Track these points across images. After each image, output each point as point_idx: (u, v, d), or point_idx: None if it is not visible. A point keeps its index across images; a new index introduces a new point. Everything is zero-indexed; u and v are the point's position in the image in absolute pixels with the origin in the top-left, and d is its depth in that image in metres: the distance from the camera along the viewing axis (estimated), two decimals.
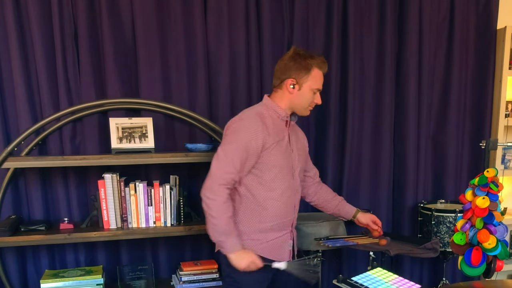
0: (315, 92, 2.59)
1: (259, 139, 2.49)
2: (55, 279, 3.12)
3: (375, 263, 3.24)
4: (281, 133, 2.62)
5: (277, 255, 2.65)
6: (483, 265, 2.32)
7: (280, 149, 2.58)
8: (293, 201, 2.69)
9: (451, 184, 4.22)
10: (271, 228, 2.63)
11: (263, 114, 2.59)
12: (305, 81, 2.54)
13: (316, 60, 2.55)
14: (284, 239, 2.70)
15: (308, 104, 2.62)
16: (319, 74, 2.56)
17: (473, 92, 4.19)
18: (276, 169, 2.57)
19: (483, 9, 4.05)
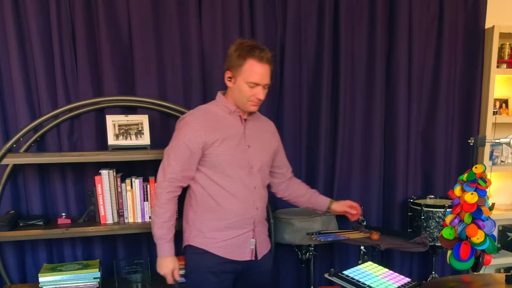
0: (252, 86, 2.45)
1: (200, 137, 2.46)
2: (53, 272, 3.13)
3: (366, 257, 3.27)
4: (232, 129, 2.57)
5: (236, 255, 2.61)
6: (471, 259, 2.30)
7: (229, 145, 2.53)
8: (252, 199, 2.61)
9: (440, 180, 4.22)
10: (227, 226, 2.58)
11: (210, 111, 2.58)
12: (239, 74, 2.45)
13: (252, 52, 2.42)
14: (245, 238, 2.64)
15: (246, 98, 2.50)
16: (255, 67, 2.42)
17: (461, 90, 4.20)
18: (225, 166, 2.53)
19: (471, 8, 4.06)
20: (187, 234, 2.66)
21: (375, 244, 3.19)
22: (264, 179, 2.72)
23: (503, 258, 4.39)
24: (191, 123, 2.49)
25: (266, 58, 2.43)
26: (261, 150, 2.67)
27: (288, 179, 2.98)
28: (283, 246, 3.68)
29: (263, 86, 2.48)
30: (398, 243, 3.25)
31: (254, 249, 2.66)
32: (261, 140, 2.68)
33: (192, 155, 2.48)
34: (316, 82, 3.83)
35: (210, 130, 2.48)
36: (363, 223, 3.62)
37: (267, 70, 2.47)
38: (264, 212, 2.75)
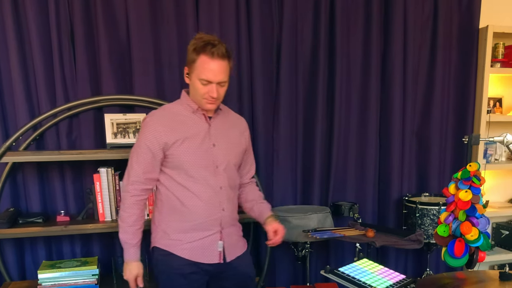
0: (205, 83, 2.33)
1: (160, 138, 2.39)
2: (52, 269, 3.13)
3: (362, 254, 3.28)
4: (194, 128, 2.46)
5: (203, 257, 2.51)
6: (465, 256, 2.33)
7: (191, 145, 2.42)
8: (217, 199, 2.49)
9: (434, 178, 4.23)
10: (192, 228, 2.49)
11: (172, 110, 2.50)
12: (192, 70, 2.35)
13: (204, 47, 2.29)
14: (211, 240, 2.52)
15: (200, 96, 2.38)
16: (206, 63, 2.30)
17: (456, 89, 4.22)
18: (188, 166, 2.43)
19: (465, 8, 4.07)
20: (154, 236, 2.60)
21: (371, 241, 3.21)
22: (232, 179, 2.60)
23: (497, 255, 4.41)
24: (150, 124, 2.43)
25: (218, 54, 2.30)
26: (228, 149, 2.55)
27: (245, 183, 2.82)
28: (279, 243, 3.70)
29: (218, 84, 2.36)
30: (393, 240, 3.27)
31: (222, 252, 2.55)
32: (228, 138, 2.57)
33: (153, 157, 2.42)
34: (312, 81, 3.84)
35: (170, 130, 2.41)
36: (358, 221, 3.65)
37: (221, 67, 2.33)
38: (234, 213, 2.64)
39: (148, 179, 2.47)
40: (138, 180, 2.45)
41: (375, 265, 2.64)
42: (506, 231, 4.52)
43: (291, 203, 3.95)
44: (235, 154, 2.60)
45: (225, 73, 2.37)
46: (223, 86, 2.40)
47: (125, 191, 2.49)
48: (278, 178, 3.85)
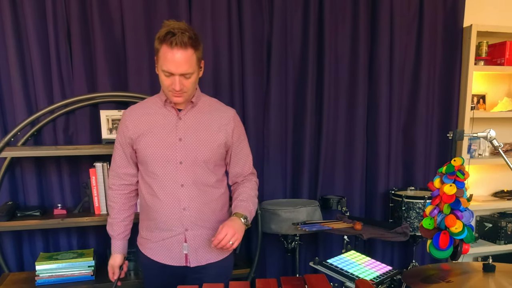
0: (167, 75, 2.14)
1: (127, 132, 2.31)
2: (49, 261, 3.17)
3: (349, 246, 3.32)
4: (161, 120, 2.29)
5: (166, 258, 2.37)
6: (450, 248, 2.34)
7: (155, 138, 2.27)
8: (176, 198, 2.30)
9: (420, 172, 4.26)
10: (156, 227, 2.36)
11: (147, 103, 2.39)
12: (157, 61, 2.18)
13: (165, 37, 2.09)
14: (175, 241, 2.34)
15: (165, 88, 2.20)
16: (166, 53, 2.09)
17: (441, 86, 4.25)
18: (149, 161, 2.29)
19: (450, 8, 4.11)
20: None
21: (358, 234, 3.24)
22: (199, 176, 2.33)
23: (481, 247, 4.47)
24: (123, 119, 2.36)
25: (177, 43, 2.07)
26: (196, 144, 2.30)
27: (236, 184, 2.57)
28: (269, 236, 3.71)
29: (181, 75, 2.14)
30: (380, 233, 3.30)
31: (187, 255, 2.37)
32: (200, 132, 2.32)
33: (124, 152, 2.37)
34: (301, 79, 3.87)
35: (137, 124, 2.29)
36: (346, 214, 3.69)
37: (183, 57, 2.09)
38: (204, 214, 2.36)
39: (124, 174, 2.42)
40: (115, 175, 2.45)
41: (363, 257, 2.66)
42: (490, 224, 4.57)
43: (281, 196, 3.98)
44: (206, 150, 2.32)
45: (189, 64, 2.13)
46: (188, 78, 2.16)
47: (109, 184, 2.52)
48: (268, 173, 3.87)
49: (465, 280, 2.09)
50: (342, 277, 2.37)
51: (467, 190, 2.36)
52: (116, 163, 2.43)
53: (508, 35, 4.37)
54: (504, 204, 4.61)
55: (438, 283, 2.06)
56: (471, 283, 2.06)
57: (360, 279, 1.93)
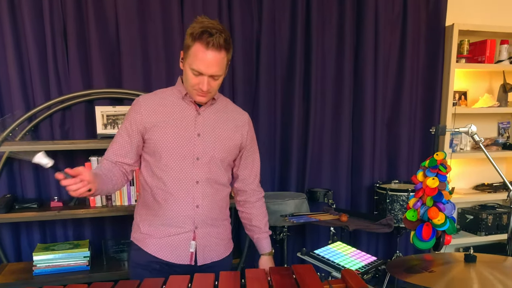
0: (196, 74, 2.03)
1: (140, 119, 2.13)
2: (46, 252, 3.22)
3: (335, 237, 3.39)
4: (180, 113, 2.16)
5: (171, 256, 2.20)
6: (433, 240, 2.33)
7: (172, 130, 2.13)
8: (190, 194, 2.17)
9: (404, 166, 4.35)
10: (162, 223, 2.20)
11: (164, 94, 2.22)
12: (186, 57, 2.05)
13: (201, 35, 1.97)
14: (182, 239, 2.20)
15: (190, 86, 2.08)
16: (199, 53, 1.98)
17: (424, 83, 4.33)
18: (164, 153, 2.13)
19: (433, 7, 4.19)
20: (132, 228, 2.37)
21: (344, 226, 3.29)
22: (215, 175, 2.24)
23: (462, 238, 4.56)
24: (136, 104, 2.17)
25: (213, 44, 1.97)
26: (215, 141, 2.21)
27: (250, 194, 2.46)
28: None
29: (210, 76, 2.04)
30: (365, 225, 3.35)
31: (194, 254, 2.23)
32: (218, 130, 2.23)
33: (130, 139, 2.16)
34: (289, 76, 3.93)
35: (152, 113, 2.13)
36: (332, 206, 3.74)
37: (216, 59, 2.01)
38: (215, 213, 2.27)
39: (120, 163, 2.19)
40: (108, 159, 2.18)
41: (348, 248, 2.66)
42: (471, 215, 4.65)
43: (269, 189, 4.03)
44: (223, 149, 2.24)
45: (220, 66, 2.04)
46: (216, 80, 2.08)
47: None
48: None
49: (447, 270, 2.10)
50: (328, 267, 2.35)
51: (449, 183, 2.36)
52: (113, 151, 2.19)
53: (489, 34, 4.43)
54: (485, 196, 4.68)
55: (421, 273, 2.06)
56: (453, 273, 2.06)
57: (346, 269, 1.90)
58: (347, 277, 1.77)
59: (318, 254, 2.47)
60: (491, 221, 4.57)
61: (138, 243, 2.25)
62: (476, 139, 2.55)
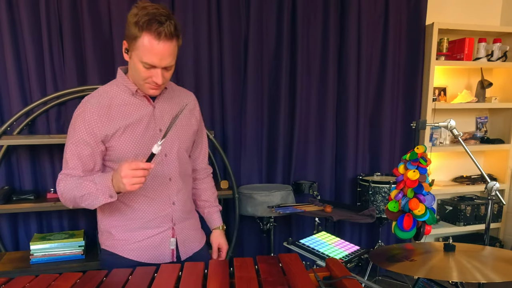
0: (148, 67, 1.82)
1: (97, 129, 1.89)
2: (42, 241, 3.26)
3: (320, 227, 3.45)
4: (136, 113, 1.96)
5: (153, 257, 2.08)
6: (413, 230, 2.36)
7: (133, 133, 1.95)
8: (165, 193, 2.07)
9: (385, 159, 4.44)
10: (139, 227, 2.04)
11: (109, 93, 1.98)
12: (133, 49, 1.82)
13: (150, 25, 1.74)
14: (162, 238, 2.08)
15: (142, 79, 1.88)
16: (151, 44, 1.77)
17: (405, 79, 4.41)
18: (131, 157, 1.94)
19: (413, 7, 4.26)
20: (100, 237, 2.15)
21: (328, 216, 3.31)
22: (183, 167, 2.15)
23: (442, 228, 4.66)
24: (85, 113, 1.91)
25: (165, 34, 1.77)
26: (178, 133, 2.08)
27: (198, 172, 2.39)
28: (246, 218, 3.86)
29: (163, 68, 1.86)
30: (348, 215, 3.38)
31: (175, 250, 2.13)
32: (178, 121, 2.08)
33: (93, 151, 1.92)
34: (276, 73, 4.00)
35: (108, 119, 1.91)
36: (317, 198, 3.78)
37: (168, 49, 1.81)
38: (187, 205, 2.20)
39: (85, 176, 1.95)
40: (75, 175, 1.93)
41: (332, 237, 2.68)
42: (450, 206, 4.75)
43: (257, 181, 4.11)
44: (185, 138, 2.13)
45: (173, 56, 1.87)
46: (169, 70, 1.91)
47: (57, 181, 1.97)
48: (245, 160, 3.99)
49: (427, 259, 2.13)
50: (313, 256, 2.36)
51: (429, 175, 2.39)
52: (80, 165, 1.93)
53: (467, 32, 4.53)
54: (463, 188, 4.79)
55: (402, 262, 2.10)
56: (433, 261, 2.09)
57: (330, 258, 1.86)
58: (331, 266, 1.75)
59: (304, 244, 2.49)
60: (469, 212, 4.66)
61: (113, 249, 2.07)
62: (455, 133, 2.58)
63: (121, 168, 1.76)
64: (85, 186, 1.86)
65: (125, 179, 1.74)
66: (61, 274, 1.78)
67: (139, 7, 1.78)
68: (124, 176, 1.74)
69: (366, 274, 4.07)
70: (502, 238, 4.99)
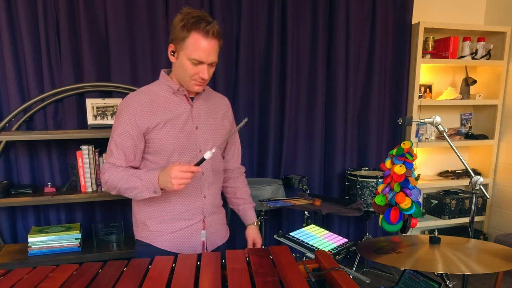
0: (195, 63, 2.00)
1: (140, 122, 2.05)
2: (40, 234, 3.29)
3: (309, 220, 3.49)
4: (175, 110, 2.12)
5: (184, 248, 2.19)
6: (400, 223, 2.36)
7: (173, 128, 2.10)
8: (198, 186, 2.18)
9: (373, 154, 4.51)
10: (172, 218, 2.17)
11: (152, 92, 2.14)
12: (181, 49, 1.99)
13: (198, 25, 1.93)
14: (193, 230, 2.20)
15: (189, 77, 2.05)
16: (199, 42, 1.95)
17: (391, 77, 4.47)
18: (168, 152, 2.10)
19: (400, 7, 4.33)
20: (135, 228, 2.29)
21: (317, 210, 3.37)
22: (215, 164, 2.27)
23: (427, 221, 4.74)
24: (129, 108, 2.06)
25: (213, 32, 1.96)
26: (212, 131, 2.22)
27: (232, 171, 2.52)
28: None
29: (208, 64, 2.03)
30: (337, 209, 3.43)
31: (205, 241, 2.24)
32: (211, 120, 2.24)
33: (134, 143, 2.08)
34: (267, 70, 4.05)
35: (150, 113, 2.06)
36: (307, 192, 3.84)
37: (214, 46, 2.00)
38: (217, 200, 2.33)
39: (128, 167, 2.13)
40: (120, 165, 2.11)
41: (321, 230, 2.67)
42: (435, 200, 4.82)
43: (248, 176, 3.76)
44: (219, 137, 2.26)
45: (217, 53, 2.04)
46: (213, 67, 2.07)
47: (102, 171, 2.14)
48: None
49: (413, 251, 2.14)
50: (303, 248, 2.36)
51: (415, 170, 2.40)
52: (120, 158, 2.10)
53: (452, 31, 4.61)
54: (448, 183, 4.86)
55: (389, 254, 2.11)
56: (419, 253, 2.10)
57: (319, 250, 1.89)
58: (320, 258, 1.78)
59: (293, 236, 2.50)
60: (454, 206, 4.73)
61: (149, 240, 2.20)
62: (440, 129, 2.59)
63: (172, 169, 1.92)
64: (131, 181, 2.04)
65: (175, 179, 1.91)
66: (58, 265, 1.81)
67: (183, 13, 1.98)
68: (174, 177, 1.90)
69: (354, 265, 4.16)
70: (486, 231, 5.06)
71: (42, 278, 1.68)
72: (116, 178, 2.07)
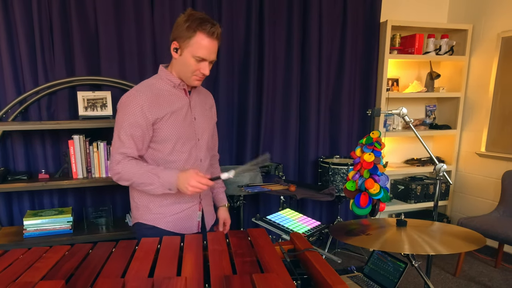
0: (199, 60, 2.13)
1: (149, 113, 2.15)
2: (35, 217, 3.39)
3: (285, 205, 3.60)
4: (178, 102, 2.25)
5: (184, 228, 2.34)
6: (369, 207, 2.42)
7: (177, 119, 2.22)
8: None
9: (344, 143, 4.67)
10: (174, 202, 2.31)
11: (154, 85, 2.23)
12: (186, 46, 2.11)
13: (203, 25, 2.06)
14: (191, 212, 2.37)
15: (191, 72, 2.17)
16: (204, 41, 2.08)
17: (361, 71, 4.63)
18: (173, 141, 2.23)
19: (369, 6, 4.49)
20: (135, 213, 2.37)
21: (292, 195, 3.46)
22: (208, 152, 2.44)
23: (394, 205, 4.89)
24: (137, 100, 2.15)
25: (217, 34, 2.11)
26: (206, 122, 2.37)
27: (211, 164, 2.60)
28: None
29: (209, 62, 2.17)
30: (310, 194, 3.53)
31: (200, 222, 2.39)
32: (204, 111, 2.38)
33: (143, 134, 2.17)
34: (245, 68, 4.19)
35: (157, 105, 2.17)
36: (282, 178, 3.94)
37: (215, 46, 2.14)
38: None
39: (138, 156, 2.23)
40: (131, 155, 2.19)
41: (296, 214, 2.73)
42: (402, 186, 4.97)
43: (228, 163, 4.33)
44: (211, 127, 2.44)
45: (216, 53, 2.19)
46: (211, 64, 2.20)
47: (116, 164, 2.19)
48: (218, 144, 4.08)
49: (381, 233, 2.20)
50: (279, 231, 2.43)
51: (383, 158, 2.45)
52: (131, 147, 2.18)
53: (418, 29, 4.77)
54: (414, 169, 5.02)
55: (359, 236, 2.18)
56: (387, 235, 2.16)
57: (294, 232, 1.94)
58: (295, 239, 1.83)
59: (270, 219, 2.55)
60: (420, 191, 4.91)
61: (153, 223, 2.30)
62: (407, 120, 2.66)
63: (191, 177, 2.06)
64: (148, 177, 2.15)
65: (192, 187, 2.05)
66: (51, 247, 1.87)
67: (186, 14, 2.11)
68: (192, 185, 2.05)
69: (327, 247, 4.30)
70: (449, 214, 5.24)
71: (36, 258, 1.73)
72: (131, 171, 2.16)
